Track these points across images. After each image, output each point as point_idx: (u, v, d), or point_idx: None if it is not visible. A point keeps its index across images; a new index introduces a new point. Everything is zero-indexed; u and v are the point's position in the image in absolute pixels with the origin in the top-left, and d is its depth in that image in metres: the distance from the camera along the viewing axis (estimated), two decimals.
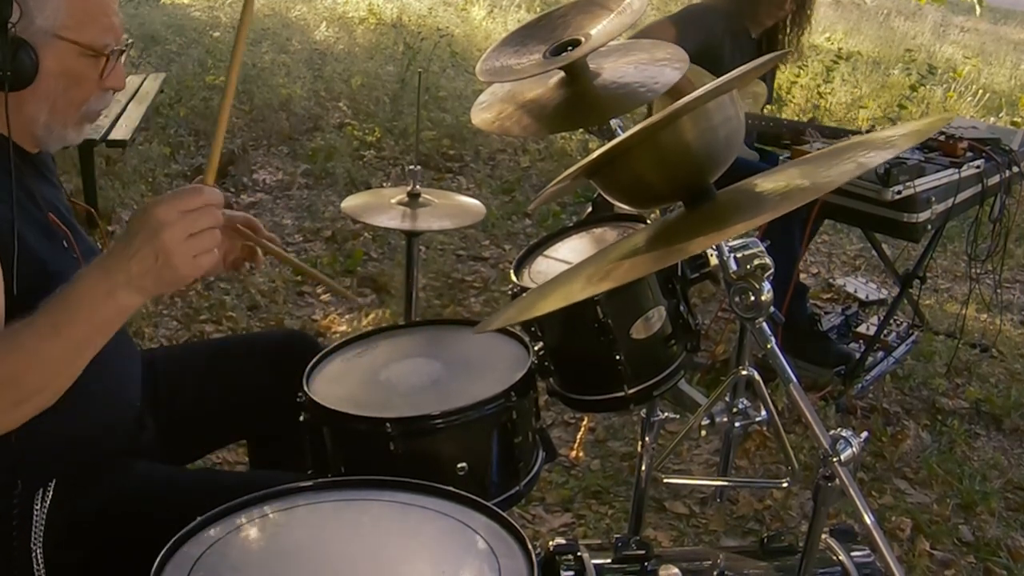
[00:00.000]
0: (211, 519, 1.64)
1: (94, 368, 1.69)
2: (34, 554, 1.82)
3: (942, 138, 4.08)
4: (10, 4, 1.72)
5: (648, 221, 2.48)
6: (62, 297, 1.63)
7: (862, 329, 4.59)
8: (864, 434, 1.67)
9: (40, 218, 1.85)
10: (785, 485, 3.11)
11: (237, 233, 2.23)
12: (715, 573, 1.90)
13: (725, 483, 3.35)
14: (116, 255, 1.62)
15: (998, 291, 4.86)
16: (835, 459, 1.61)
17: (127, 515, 1.90)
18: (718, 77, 1.66)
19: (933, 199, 3.84)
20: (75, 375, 1.67)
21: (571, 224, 2.72)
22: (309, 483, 1.77)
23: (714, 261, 1.79)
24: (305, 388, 2.12)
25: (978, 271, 4.51)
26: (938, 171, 3.91)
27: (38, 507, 1.83)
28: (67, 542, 1.86)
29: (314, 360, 2.27)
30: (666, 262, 1.72)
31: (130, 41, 1.93)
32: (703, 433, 2.32)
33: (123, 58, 1.92)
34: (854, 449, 1.62)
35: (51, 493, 1.85)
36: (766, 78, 4.62)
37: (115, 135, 5.51)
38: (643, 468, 2.63)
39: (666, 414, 2.60)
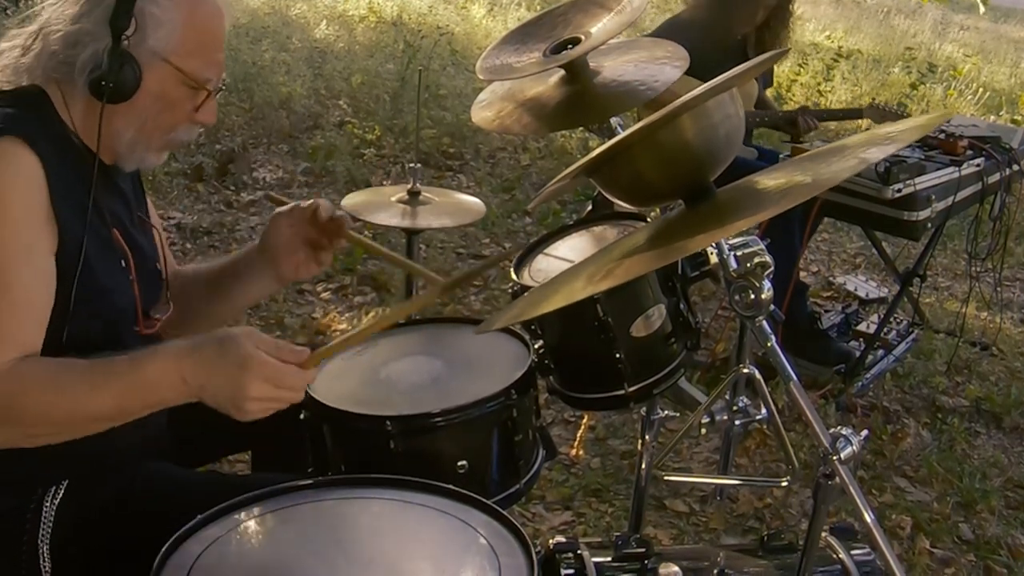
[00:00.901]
0: (212, 517, 1.64)
1: None
2: (41, 551, 1.83)
3: (942, 136, 4.08)
4: (129, 17, 1.73)
5: (648, 219, 2.48)
6: (131, 365, 1.68)
7: (862, 327, 4.59)
8: (864, 432, 1.67)
9: (103, 233, 1.85)
10: (785, 483, 3.11)
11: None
12: (715, 571, 1.90)
13: (725, 481, 3.35)
14: (198, 363, 1.67)
15: (998, 289, 4.86)
16: (835, 457, 1.62)
17: (132, 513, 1.90)
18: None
19: (933, 197, 3.84)
20: (99, 431, 1.73)
21: (571, 222, 2.73)
22: (309, 481, 1.77)
23: (714, 259, 1.79)
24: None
25: (978, 269, 4.51)
26: (938, 169, 3.91)
27: (48, 504, 1.84)
28: (73, 539, 1.86)
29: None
30: (667, 260, 1.72)
31: (227, 80, 1.93)
32: (703, 431, 2.32)
33: (217, 96, 1.93)
34: (854, 447, 1.63)
35: (61, 493, 1.85)
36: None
37: None
38: (643, 466, 2.63)
39: (666, 412, 2.60)
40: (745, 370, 2.26)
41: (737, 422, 2.41)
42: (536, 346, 2.25)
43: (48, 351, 1.75)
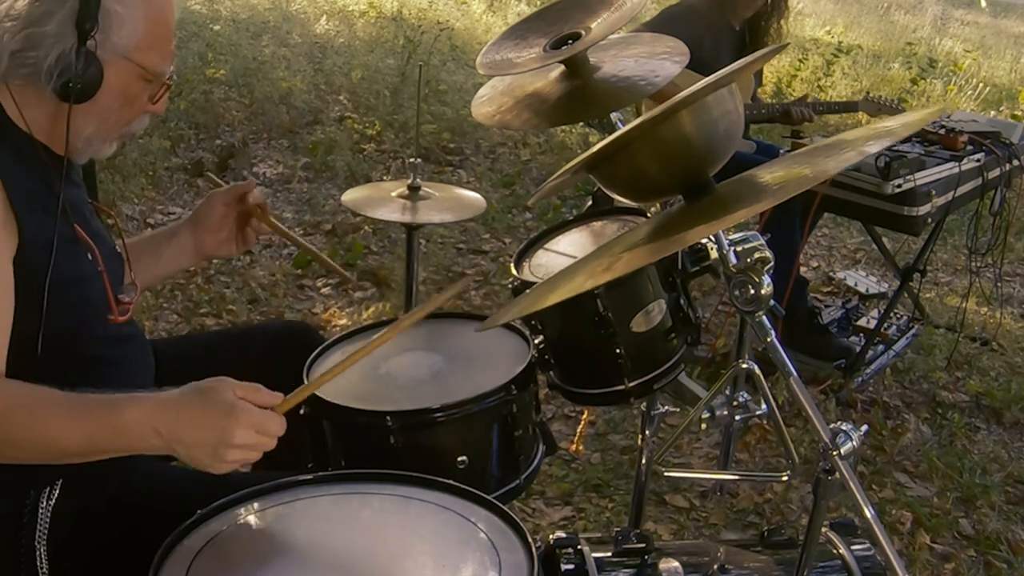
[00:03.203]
0: (211, 512, 1.64)
1: (109, 371, 1.71)
2: (38, 552, 1.82)
3: (942, 131, 4.08)
4: (95, 18, 1.72)
5: (649, 214, 2.48)
6: (107, 409, 1.65)
7: (862, 322, 4.59)
8: (864, 427, 1.67)
9: (66, 230, 1.85)
10: (785, 478, 3.12)
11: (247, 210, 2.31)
12: (715, 566, 1.90)
13: (725, 476, 3.35)
14: (178, 416, 1.65)
15: (998, 284, 4.85)
16: (835, 452, 1.62)
17: (130, 511, 1.90)
18: (703, 76, 1.66)
19: (933, 192, 3.84)
20: (64, 463, 1.72)
21: (571, 218, 2.72)
22: (309, 476, 1.77)
23: (714, 254, 1.79)
24: (306, 381, 2.12)
25: (978, 264, 4.51)
26: (938, 164, 3.91)
27: (43, 505, 1.84)
28: (71, 539, 1.86)
29: (314, 353, 2.27)
30: (666, 251, 1.72)
31: (174, 69, 1.93)
32: (703, 426, 2.33)
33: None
34: (854, 442, 1.63)
35: (57, 491, 1.85)
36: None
37: None
38: (643, 461, 2.64)
39: (666, 407, 2.61)
40: (745, 365, 2.26)
41: (737, 417, 2.41)
42: (536, 341, 2.25)
43: (23, 356, 1.73)
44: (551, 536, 1.93)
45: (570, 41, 2.06)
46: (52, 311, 1.72)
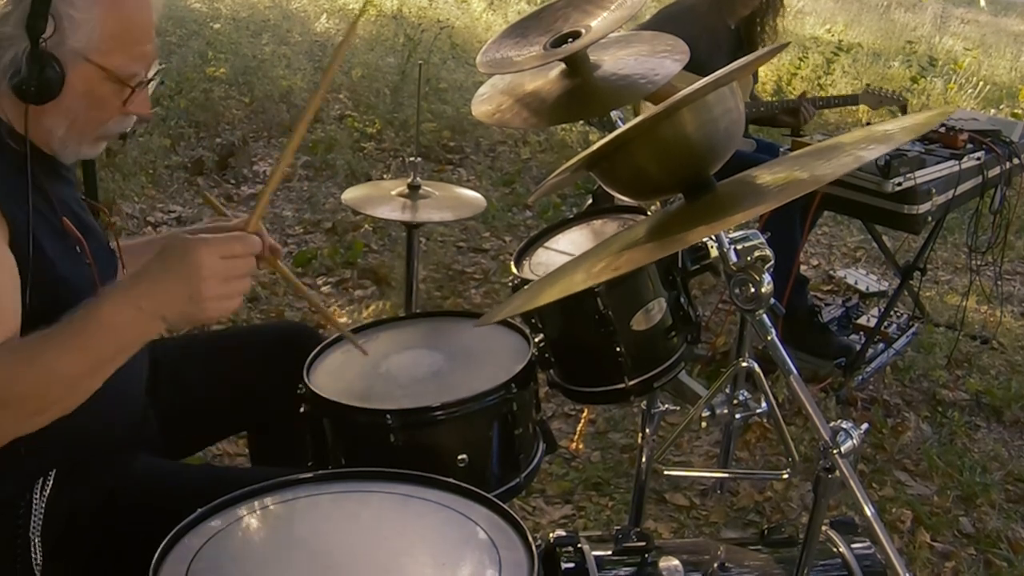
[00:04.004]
0: (212, 510, 1.64)
1: None
2: (33, 543, 1.82)
3: (943, 130, 4.08)
4: (45, 19, 1.72)
5: (648, 213, 2.48)
6: (86, 315, 1.65)
7: (862, 321, 4.60)
8: (864, 426, 1.67)
9: (54, 222, 1.85)
10: (785, 477, 3.12)
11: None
12: (715, 565, 1.90)
13: (725, 475, 3.35)
14: (147, 283, 1.65)
15: (998, 283, 4.86)
16: (835, 451, 1.62)
17: (128, 508, 1.90)
18: (700, 75, 1.66)
19: (933, 191, 3.84)
20: (94, 389, 1.69)
21: (571, 216, 2.72)
22: (309, 475, 1.77)
23: (714, 253, 1.79)
24: (306, 380, 2.12)
25: (978, 263, 4.51)
26: (938, 163, 3.91)
27: (37, 497, 1.84)
28: (67, 533, 1.86)
29: (315, 352, 2.27)
30: (667, 251, 1.72)
31: (163, 67, 1.92)
32: (703, 425, 2.33)
33: (151, 86, 1.92)
34: (854, 441, 1.63)
35: (51, 483, 1.85)
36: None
37: None
38: (643, 460, 2.63)
39: (666, 406, 2.61)
40: (745, 364, 2.26)
41: (737, 415, 2.41)
42: (536, 340, 2.25)
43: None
44: (551, 534, 1.93)
45: (570, 39, 2.06)
46: (40, 302, 1.72)
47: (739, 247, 1.69)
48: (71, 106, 1.80)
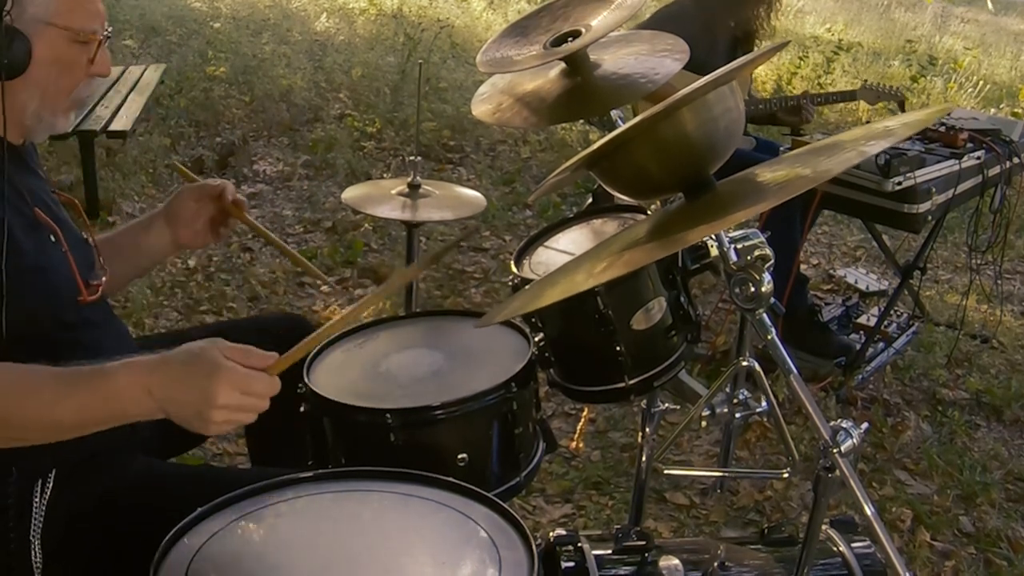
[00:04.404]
0: (211, 510, 1.64)
1: (81, 356, 1.70)
2: (32, 546, 1.82)
3: (943, 129, 4.08)
4: None
5: (649, 212, 2.48)
6: (95, 377, 1.65)
7: (862, 320, 4.60)
8: (864, 425, 1.67)
9: (27, 213, 1.85)
10: (785, 476, 3.11)
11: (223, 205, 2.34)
12: (715, 564, 1.90)
13: (725, 474, 3.35)
14: (165, 378, 1.65)
15: (998, 282, 4.86)
16: (835, 450, 1.62)
17: (127, 508, 1.90)
18: (699, 75, 1.66)
19: (933, 190, 3.84)
20: (71, 437, 1.70)
21: (571, 215, 2.72)
22: (309, 474, 1.77)
23: (714, 252, 1.79)
24: (305, 379, 2.12)
25: (978, 262, 4.51)
26: (939, 162, 3.91)
27: (37, 499, 1.83)
28: (67, 535, 1.86)
29: (314, 350, 2.27)
30: (667, 251, 1.72)
31: (110, 28, 1.93)
32: (703, 424, 2.33)
33: (106, 44, 1.93)
34: (854, 440, 1.63)
35: (50, 485, 1.85)
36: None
37: (115, 126, 5.51)
38: (643, 459, 2.63)
39: (666, 405, 2.60)
40: (745, 363, 2.26)
41: (737, 415, 2.41)
42: (536, 339, 2.25)
43: None
44: (551, 534, 1.93)
45: (570, 39, 2.06)
46: (17, 294, 1.72)
47: (739, 246, 1.69)
48: (41, 77, 1.81)
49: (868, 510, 1.63)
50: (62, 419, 1.66)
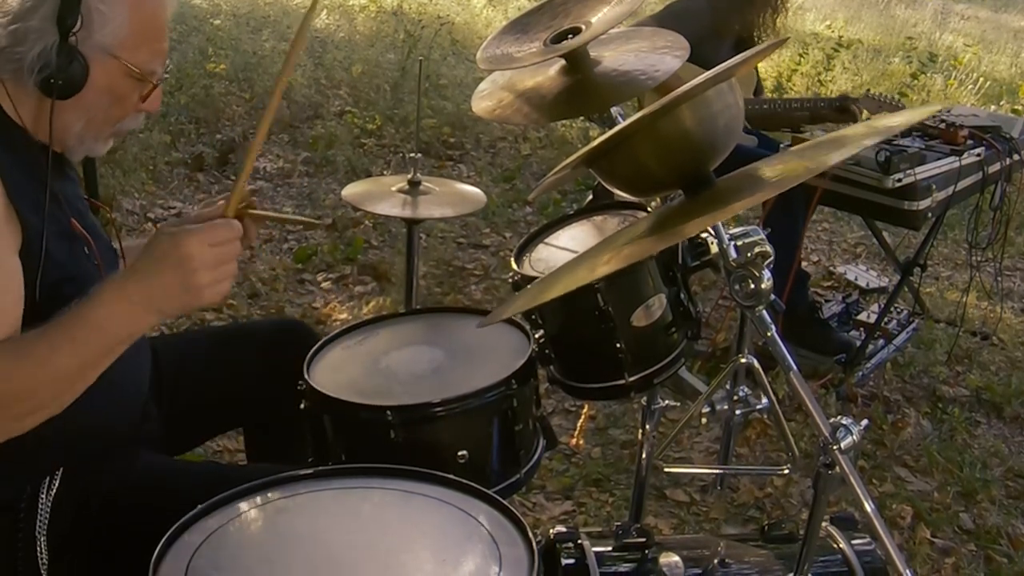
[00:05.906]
0: (211, 507, 1.64)
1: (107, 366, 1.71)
2: (39, 542, 1.82)
3: (943, 126, 4.08)
4: (76, 14, 1.72)
5: (649, 208, 2.48)
6: (79, 313, 1.65)
7: (863, 317, 4.59)
8: (864, 422, 1.67)
9: (64, 223, 1.85)
10: (786, 473, 3.12)
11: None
12: (716, 561, 1.90)
13: (726, 471, 3.35)
14: (138, 279, 1.66)
15: (999, 279, 4.86)
16: (835, 447, 1.62)
17: (130, 505, 1.90)
18: (705, 70, 1.66)
19: (934, 187, 3.84)
20: (84, 388, 1.70)
21: (572, 212, 2.72)
22: (310, 471, 1.77)
23: (714, 249, 1.79)
24: (306, 376, 2.12)
25: (979, 259, 4.50)
26: (939, 159, 3.90)
27: (43, 496, 1.84)
28: (71, 531, 1.86)
29: (315, 348, 2.27)
30: (666, 243, 1.72)
31: (170, 66, 1.93)
32: (703, 421, 2.33)
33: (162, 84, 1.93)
34: (854, 437, 1.63)
35: (57, 482, 1.85)
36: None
37: None
38: (644, 456, 2.63)
39: (667, 402, 2.60)
40: (745, 360, 2.26)
41: (737, 412, 2.41)
42: (536, 336, 2.25)
43: None
44: (551, 530, 1.93)
45: (570, 36, 2.06)
46: (51, 306, 1.73)
47: (739, 243, 1.69)
48: (92, 101, 1.81)
49: (868, 507, 1.63)
50: (64, 367, 1.66)
